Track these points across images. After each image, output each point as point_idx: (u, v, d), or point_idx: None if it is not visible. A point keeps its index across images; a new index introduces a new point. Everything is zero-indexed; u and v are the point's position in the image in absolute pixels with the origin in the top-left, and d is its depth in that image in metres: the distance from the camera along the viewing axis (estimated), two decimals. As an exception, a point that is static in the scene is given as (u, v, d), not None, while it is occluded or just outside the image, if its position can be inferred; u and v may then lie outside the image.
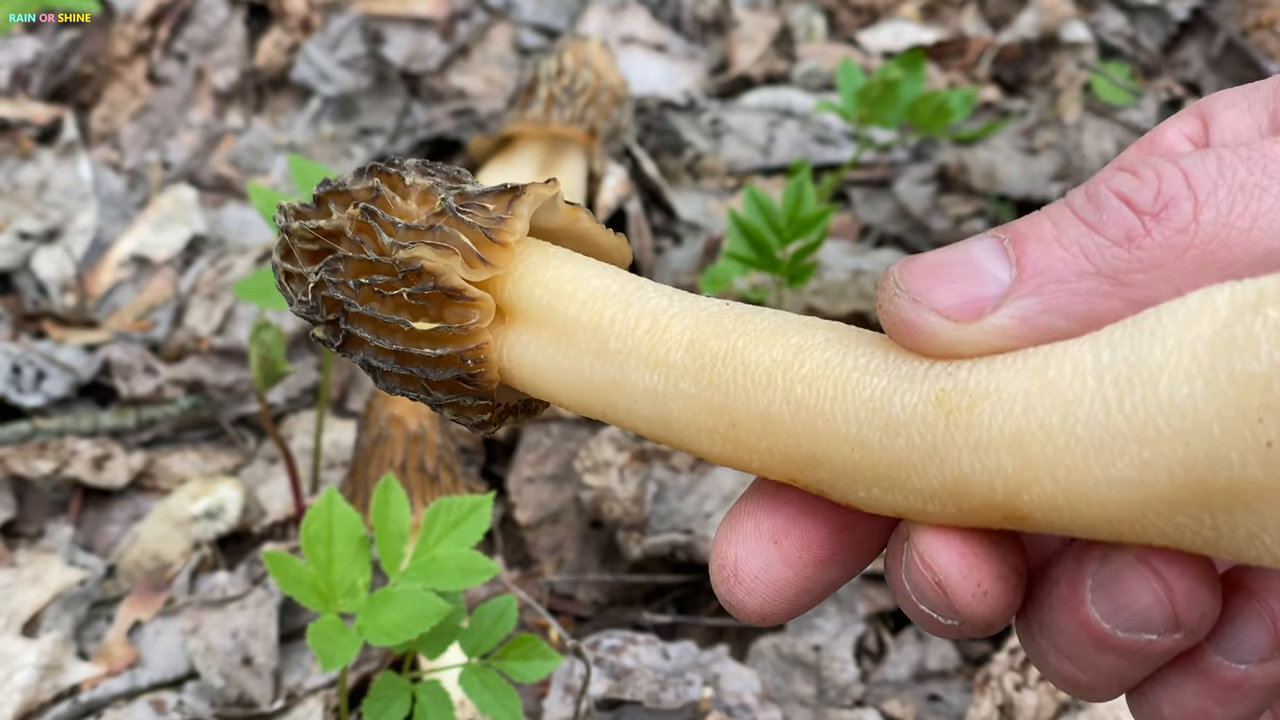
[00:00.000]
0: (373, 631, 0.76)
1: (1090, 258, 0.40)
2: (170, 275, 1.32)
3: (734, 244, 1.03)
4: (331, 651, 0.74)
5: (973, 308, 0.41)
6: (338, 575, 0.79)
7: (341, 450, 1.15)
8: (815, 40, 1.65)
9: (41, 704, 0.97)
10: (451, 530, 0.81)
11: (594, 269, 0.46)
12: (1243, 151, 0.41)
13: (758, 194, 1.03)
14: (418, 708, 0.79)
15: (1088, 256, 0.40)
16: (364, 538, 0.80)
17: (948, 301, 0.41)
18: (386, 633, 0.75)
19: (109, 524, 1.14)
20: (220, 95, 1.55)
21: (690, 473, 1.09)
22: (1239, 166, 0.40)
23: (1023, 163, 1.40)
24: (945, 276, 0.41)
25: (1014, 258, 0.41)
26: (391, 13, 1.64)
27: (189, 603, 1.03)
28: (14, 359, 1.22)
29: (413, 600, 0.77)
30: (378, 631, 0.76)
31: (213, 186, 1.46)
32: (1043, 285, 0.40)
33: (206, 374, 1.21)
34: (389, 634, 0.75)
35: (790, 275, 1.03)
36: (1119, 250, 0.39)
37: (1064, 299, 0.40)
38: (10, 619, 1.02)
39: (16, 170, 1.41)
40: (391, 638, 0.75)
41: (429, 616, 0.75)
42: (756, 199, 1.03)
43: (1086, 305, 0.40)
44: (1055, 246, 0.40)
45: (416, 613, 0.76)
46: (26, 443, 1.14)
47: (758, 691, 0.95)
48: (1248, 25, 1.61)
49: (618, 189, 1.29)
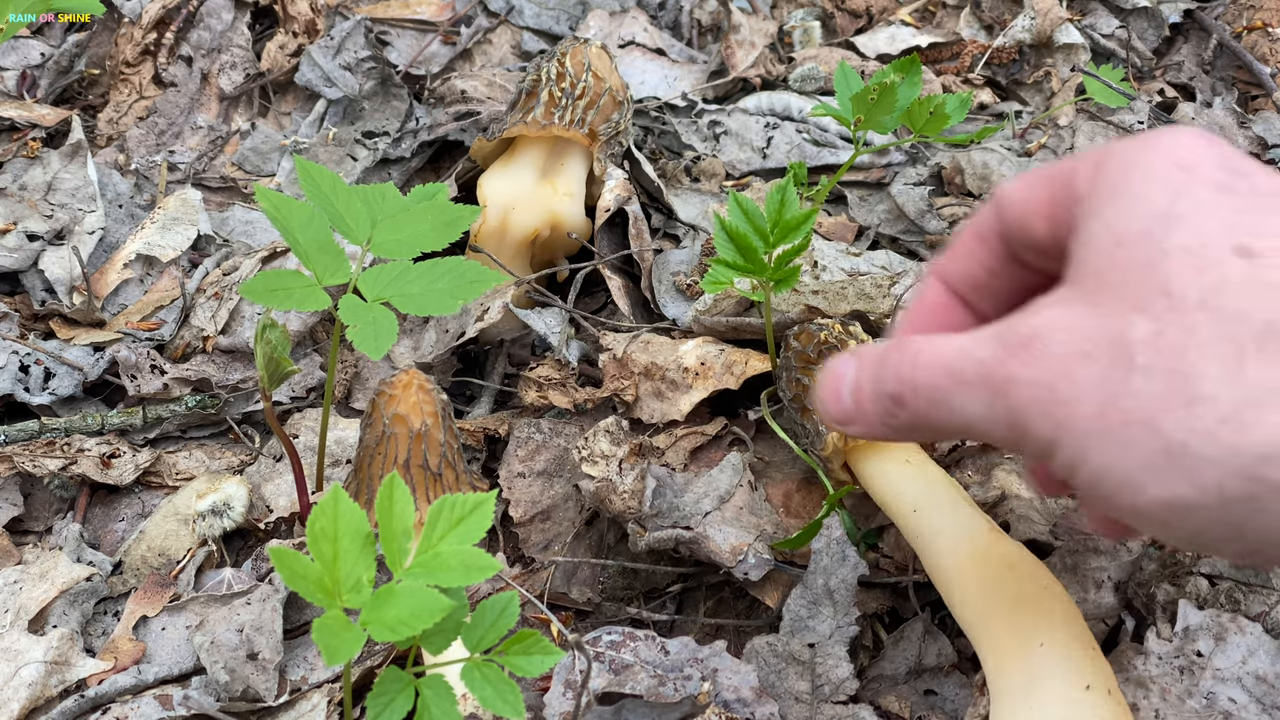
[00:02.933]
0: (377, 627, 0.76)
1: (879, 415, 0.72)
2: (176, 275, 1.33)
3: (721, 249, 1.04)
4: (336, 646, 0.75)
5: (841, 421, 0.74)
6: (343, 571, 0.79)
7: (346, 448, 1.16)
8: (812, 44, 1.67)
9: (48, 699, 0.98)
10: (455, 527, 0.81)
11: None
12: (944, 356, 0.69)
13: (741, 199, 1.04)
14: (421, 702, 0.80)
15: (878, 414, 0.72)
16: (368, 534, 0.80)
17: (829, 416, 0.75)
18: (390, 628, 0.76)
19: (116, 521, 1.15)
20: (226, 98, 1.56)
21: (684, 471, 1.11)
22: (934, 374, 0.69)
23: (1017, 165, 1.42)
24: (828, 397, 0.75)
25: (854, 397, 0.73)
26: (395, 17, 1.66)
27: (195, 598, 1.04)
28: (22, 358, 1.23)
29: (416, 596, 0.77)
30: (382, 627, 0.76)
31: (219, 188, 1.48)
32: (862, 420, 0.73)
33: (212, 373, 1.22)
34: (393, 630, 0.76)
35: (776, 279, 1.04)
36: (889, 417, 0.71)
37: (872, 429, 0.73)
38: (18, 615, 1.02)
39: (24, 172, 1.42)
40: (395, 633, 0.76)
41: (432, 613, 0.76)
42: (740, 204, 1.04)
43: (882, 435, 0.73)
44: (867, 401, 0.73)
45: (420, 609, 0.77)
46: (34, 440, 1.16)
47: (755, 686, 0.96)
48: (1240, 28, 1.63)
49: (618, 191, 1.30)
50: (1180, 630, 0.94)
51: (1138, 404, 0.58)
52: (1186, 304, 0.59)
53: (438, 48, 1.63)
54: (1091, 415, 0.59)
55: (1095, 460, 0.60)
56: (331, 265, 0.95)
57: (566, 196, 1.27)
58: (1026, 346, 0.62)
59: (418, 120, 1.50)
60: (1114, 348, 0.60)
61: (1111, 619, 0.98)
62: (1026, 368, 0.62)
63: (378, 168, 1.46)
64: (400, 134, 1.48)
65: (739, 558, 1.01)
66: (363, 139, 1.47)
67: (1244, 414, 0.56)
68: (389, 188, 1.01)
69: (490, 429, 1.18)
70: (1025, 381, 0.62)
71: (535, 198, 1.26)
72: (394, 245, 0.98)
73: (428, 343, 1.26)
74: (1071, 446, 0.61)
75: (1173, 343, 0.58)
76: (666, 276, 1.29)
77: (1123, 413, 0.59)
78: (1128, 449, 0.59)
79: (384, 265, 0.97)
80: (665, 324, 1.25)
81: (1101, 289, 0.62)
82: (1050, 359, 0.61)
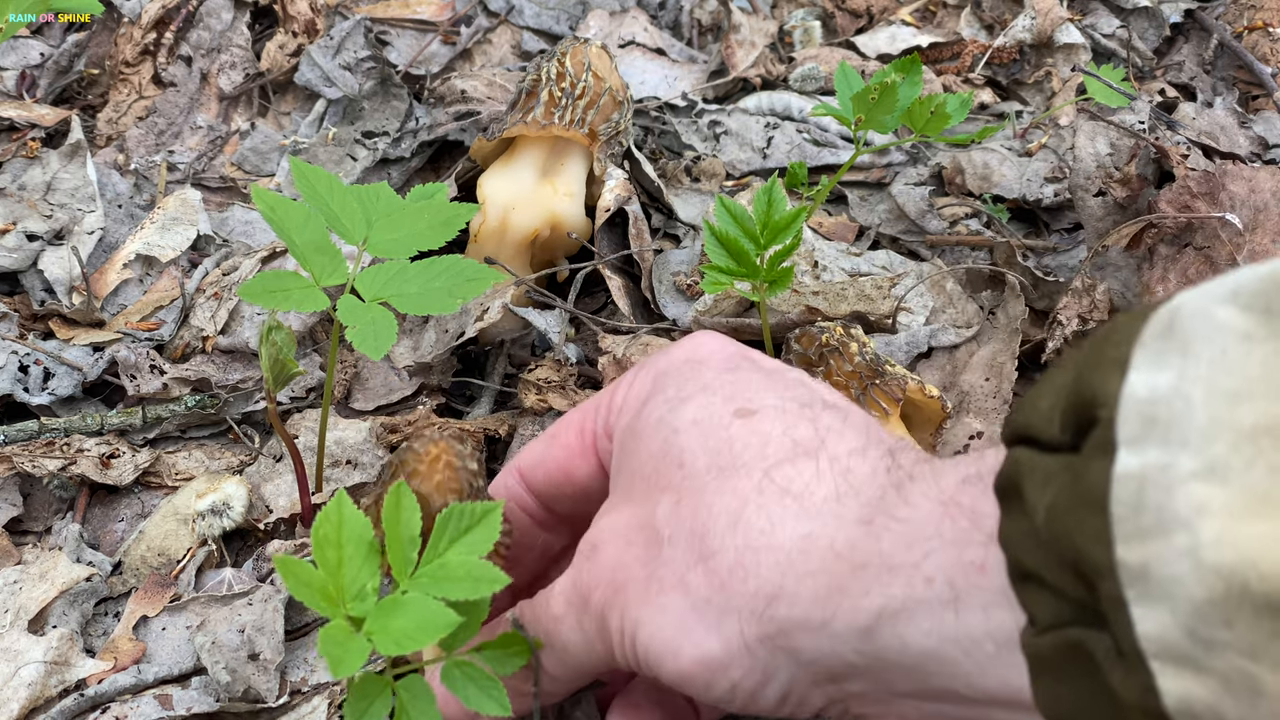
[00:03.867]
0: (382, 640, 0.75)
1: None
2: (176, 276, 1.33)
3: (713, 255, 1.03)
4: (341, 658, 0.74)
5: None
6: (347, 578, 0.79)
7: (345, 448, 1.16)
8: (812, 44, 1.67)
9: (48, 699, 0.98)
10: (462, 536, 0.80)
11: None
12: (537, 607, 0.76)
13: (728, 203, 1.04)
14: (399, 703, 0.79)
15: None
16: (373, 541, 0.79)
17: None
18: (395, 641, 0.75)
19: (115, 521, 1.15)
20: (225, 98, 1.56)
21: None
22: (538, 625, 0.76)
23: (1017, 164, 1.42)
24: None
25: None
26: (394, 17, 1.65)
27: (195, 599, 1.04)
28: (21, 358, 1.23)
29: (423, 609, 0.76)
30: (387, 640, 0.75)
31: (218, 188, 1.48)
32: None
33: (212, 373, 1.22)
34: (398, 643, 0.75)
35: (770, 280, 1.04)
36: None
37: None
38: (17, 615, 1.02)
39: (23, 172, 1.42)
40: (400, 646, 0.74)
41: (439, 627, 0.75)
42: (727, 208, 1.04)
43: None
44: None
45: (426, 622, 0.75)
46: (34, 441, 1.15)
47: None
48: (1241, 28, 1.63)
49: (618, 190, 1.30)
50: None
51: (670, 570, 0.62)
52: (697, 470, 0.64)
53: (438, 47, 1.63)
54: (638, 593, 0.64)
55: (643, 632, 0.63)
56: (329, 266, 0.95)
57: (566, 196, 1.27)
58: (590, 557, 0.68)
59: (417, 120, 1.50)
60: (646, 529, 0.65)
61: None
62: (592, 573, 0.67)
63: (377, 168, 1.46)
64: (400, 134, 1.47)
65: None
66: (362, 139, 1.47)
67: (745, 559, 0.60)
68: (383, 187, 1.01)
69: (490, 429, 1.18)
70: (597, 585, 0.66)
71: (535, 198, 1.26)
72: (390, 245, 0.97)
73: (427, 343, 1.26)
74: (628, 628, 0.64)
75: (689, 507, 0.63)
76: (667, 276, 1.29)
77: (659, 582, 0.63)
78: (664, 614, 0.62)
79: (381, 265, 0.97)
80: (665, 324, 1.25)
81: (634, 484, 0.67)
82: (607, 557, 0.66)
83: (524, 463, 0.82)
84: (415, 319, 1.28)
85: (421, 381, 1.25)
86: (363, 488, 1.15)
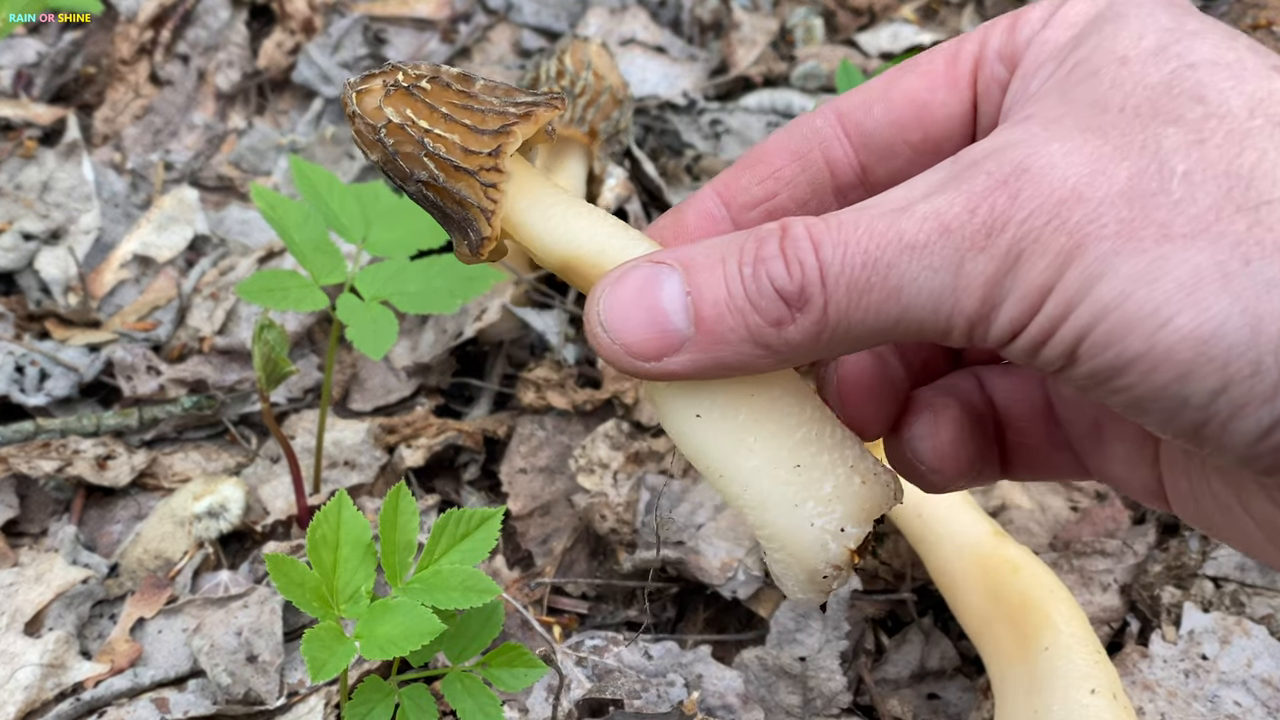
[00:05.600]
0: (368, 644, 0.76)
1: (751, 331, 0.53)
2: (173, 275, 1.33)
3: None
4: (324, 660, 0.74)
5: (658, 352, 0.54)
6: (341, 580, 0.79)
7: (343, 449, 1.15)
8: (814, 42, 1.66)
9: (44, 702, 0.97)
10: (458, 543, 0.81)
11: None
12: (864, 224, 0.52)
13: None
14: (400, 713, 0.80)
15: (749, 329, 0.53)
16: (370, 544, 0.80)
17: (639, 346, 0.55)
18: (381, 646, 0.75)
19: (112, 523, 1.14)
20: (222, 96, 1.55)
21: (684, 478, 1.10)
22: (858, 249, 0.52)
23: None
24: (636, 321, 0.55)
25: (693, 315, 0.54)
26: (393, 14, 1.65)
27: (192, 601, 1.03)
28: (17, 359, 1.22)
29: (411, 615, 0.77)
30: (373, 644, 0.76)
31: (215, 187, 1.47)
32: (713, 345, 0.54)
33: (209, 373, 1.22)
34: (383, 648, 0.75)
35: None
36: (771, 330, 0.53)
37: (728, 356, 0.54)
38: (14, 617, 1.02)
39: (20, 171, 1.42)
40: (385, 652, 0.75)
41: (424, 634, 0.75)
42: None
43: (744, 362, 0.54)
44: (726, 314, 0.54)
45: (413, 629, 0.76)
46: (30, 442, 1.15)
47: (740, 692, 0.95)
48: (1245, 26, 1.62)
49: (618, 189, 1.29)
50: (1185, 633, 0.93)
51: (1183, 215, 0.47)
52: (1231, 110, 0.49)
53: (436, 45, 1.62)
54: (1114, 234, 0.48)
55: (1107, 287, 0.48)
56: (328, 264, 0.95)
57: (566, 195, 1.27)
58: (1010, 180, 0.50)
59: (416, 119, 1.49)
60: (1140, 158, 0.49)
61: (1116, 622, 0.97)
62: (1019, 200, 0.50)
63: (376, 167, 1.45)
64: (399, 132, 1.47)
65: (728, 575, 1.01)
66: (361, 137, 1.47)
67: None
68: (382, 186, 1.00)
69: (489, 430, 1.17)
70: (1029, 215, 0.50)
71: (535, 197, 1.25)
72: (389, 243, 0.97)
73: (426, 343, 1.25)
74: (1074, 279, 0.49)
75: (1220, 148, 0.48)
76: (667, 276, 1.28)
77: (1160, 226, 0.47)
78: (1162, 265, 0.47)
79: (380, 264, 0.97)
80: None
81: (1102, 112, 0.51)
82: (1053, 183, 0.50)
83: (847, 102, 0.62)
84: (414, 319, 1.27)
85: (420, 382, 1.24)
86: (361, 489, 1.14)
